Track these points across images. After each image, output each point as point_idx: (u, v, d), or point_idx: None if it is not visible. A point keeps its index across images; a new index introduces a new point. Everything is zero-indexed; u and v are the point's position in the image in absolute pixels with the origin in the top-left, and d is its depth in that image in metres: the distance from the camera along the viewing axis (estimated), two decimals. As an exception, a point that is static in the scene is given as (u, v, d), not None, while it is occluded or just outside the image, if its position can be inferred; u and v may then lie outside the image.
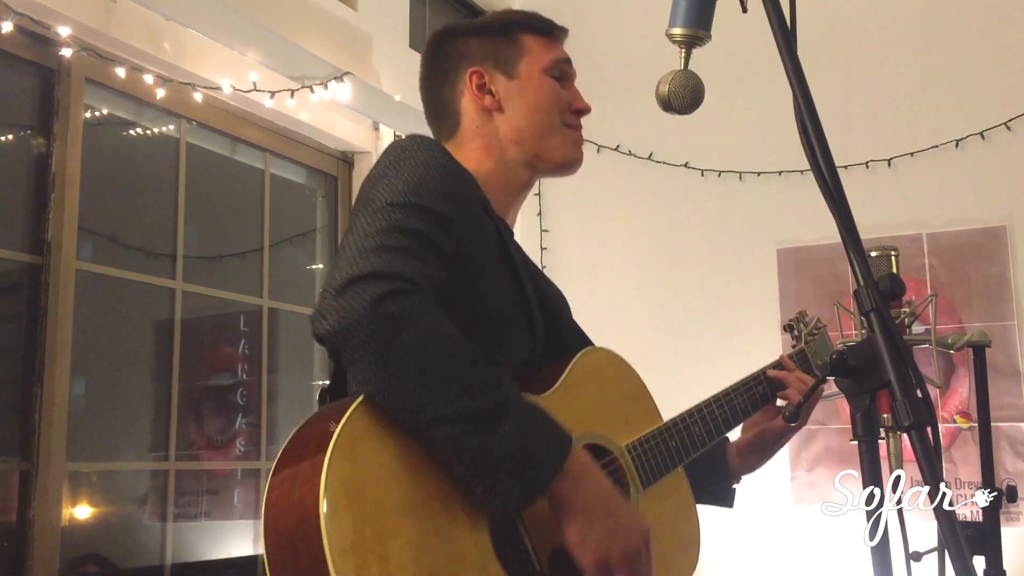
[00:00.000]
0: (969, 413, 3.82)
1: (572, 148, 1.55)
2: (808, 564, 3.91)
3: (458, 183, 1.36)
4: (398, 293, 1.15)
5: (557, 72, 1.55)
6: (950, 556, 0.92)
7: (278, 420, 3.60)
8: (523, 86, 1.53)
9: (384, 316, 1.14)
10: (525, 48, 1.54)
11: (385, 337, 1.14)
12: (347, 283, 1.15)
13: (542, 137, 1.52)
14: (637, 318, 4.44)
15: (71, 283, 2.80)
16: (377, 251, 1.19)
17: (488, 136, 1.52)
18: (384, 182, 1.30)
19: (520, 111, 1.52)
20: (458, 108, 1.55)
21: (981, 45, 4.03)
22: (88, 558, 2.93)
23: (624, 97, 4.13)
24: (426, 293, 1.18)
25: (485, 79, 1.53)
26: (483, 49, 1.55)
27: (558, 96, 1.54)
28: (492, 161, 1.52)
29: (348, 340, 1.15)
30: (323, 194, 4.01)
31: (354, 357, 1.16)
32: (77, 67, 2.87)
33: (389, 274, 1.16)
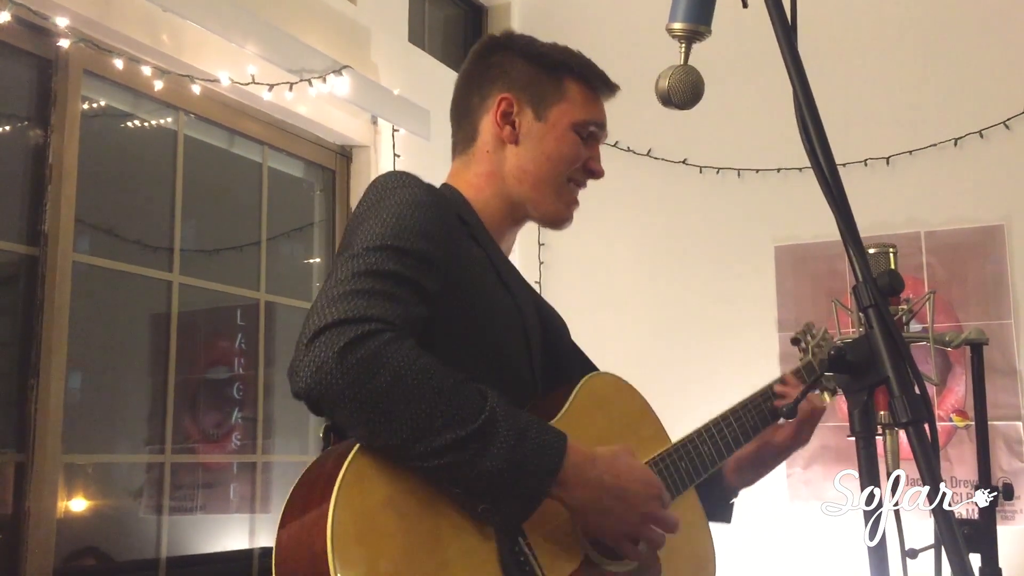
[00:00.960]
0: (965, 411, 3.82)
1: (565, 207, 1.54)
2: (804, 561, 3.92)
3: (439, 219, 1.35)
4: (365, 336, 1.14)
5: (584, 132, 1.54)
6: (947, 555, 0.91)
7: (274, 414, 3.60)
8: (546, 132, 1.51)
9: (354, 363, 1.13)
10: (565, 95, 1.53)
11: (358, 384, 1.13)
12: (314, 335, 1.15)
13: (542, 186, 1.51)
14: (635, 314, 4.44)
15: (67, 275, 2.80)
16: (345, 296, 1.18)
17: (495, 164, 1.51)
18: (363, 226, 1.29)
19: (533, 154, 1.50)
20: (478, 124, 1.53)
21: (980, 44, 4.04)
22: (84, 550, 2.93)
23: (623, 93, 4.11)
24: (396, 331, 1.17)
25: (513, 108, 1.51)
26: (525, 78, 1.52)
27: (576, 155, 1.53)
28: (491, 190, 1.51)
29: (324, 394, 1.14)
30: (321, 188, 4.00)
31: (332, 409, 1.16)
32: (75, 58, 2.86)
33: (355, 318, 1.15)
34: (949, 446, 3.84)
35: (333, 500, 1.10)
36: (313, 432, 3.71)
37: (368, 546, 1.11)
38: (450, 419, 1.15)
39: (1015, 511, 3.68)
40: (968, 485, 3.73)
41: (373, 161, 3.95)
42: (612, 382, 1.52)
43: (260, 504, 3.48)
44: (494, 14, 4.94)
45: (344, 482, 1.12)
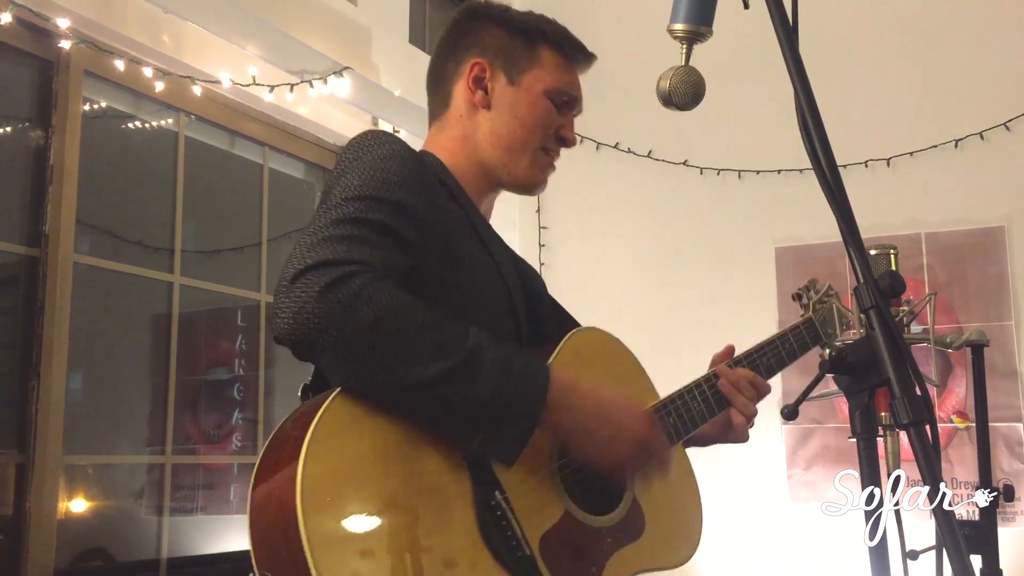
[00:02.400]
0: (966, 413, 3.82)
1: (538, 171, 1.53)
2: (804, 562, 3.92)
3: (416, 172, 1.35)
4: (347, 277, 1.14)
5: (558, 99, 1.52)
6: (948, 556, 0.91)
7: (275, 415, 3.60)
8: (518, 96, 1.50)
9: (336, 302, 1.13)
10: (540, 61, 1.52)
11: (342, 322, 1.13)
12: (295, 276, 1.15)
13: (514, 151, 1.50)
14: (635, 315, 4.44)
15: (68, 276, 2.80)
16: (325, 242, 1.18)
17: (468, 129, 1.51)
18: (342, 179, 1.29)
19: (505, 119, 1.50)
20: (451, 90, 1.53)
21: (981, 45, 4.04)
22: (85, 551, 2.93)
23: (624, 94, 4.13)
24: (376, 271, 1.17)
25: (486, 73, 1.51)
26: (499, 43, 1.52)
27: (548, 120, 1.51)
28: (464, 154, 1.51)
29: (307, 335, 1.13)
30: (321, 189, 4.00)
31: (317, 351, 1.15)
32: (76, 59, 2.87)
33: (336, 260, 1.16)
34: (950, 447, 3.84)
35: (303, 455, 1.09)
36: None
37: (339, 500, 1.10)
38: (437, 351, 1.16)
39: (1016, 512, 3.68)
40: (969, 486, 3.72)
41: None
42: (597, 337, 1.51)
43: (261, 505, 3.47)
44: (495, 15, 4.93)
45: (314, 437, 1.11)
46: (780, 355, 1.65)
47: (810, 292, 1.75)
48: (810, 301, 1.75)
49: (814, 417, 4.03)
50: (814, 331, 1.71)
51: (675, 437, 1.48)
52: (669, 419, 1.48)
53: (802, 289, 1.77)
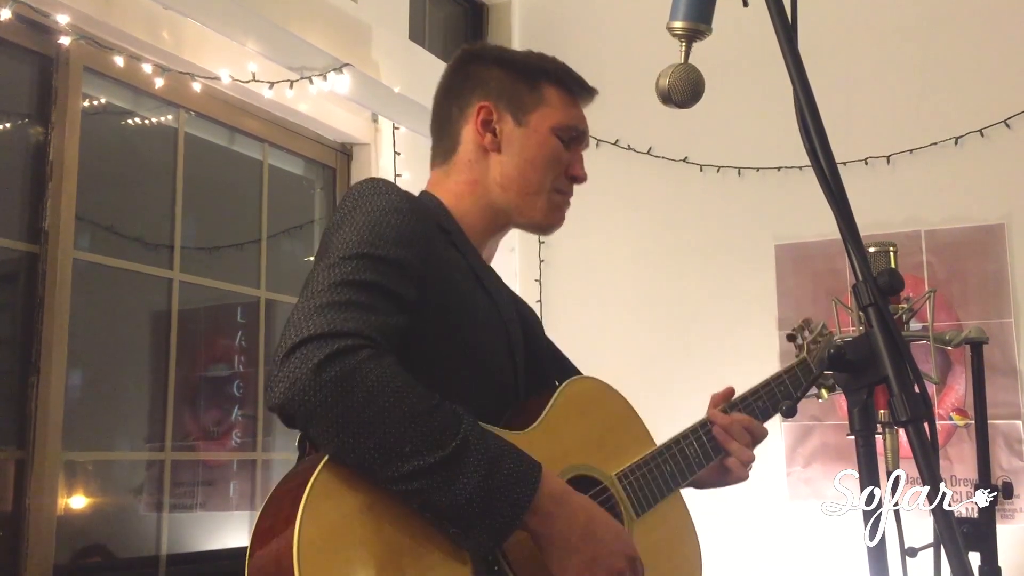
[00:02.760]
0: (965, 410, 3.82)
1: (553, 213, 1.53)
2: (803, 560, 3.92)
3: (416, 224, 1.34)
4: (342, 353, 1.13)
5: (566, 136, 1.52)
6: (947, 554, 0.91)
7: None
8: (527, 136, 1.50)
9: (328, 381, 1.12)
10: (544, 100, 1.52)
11: (331, 403, 1.12)
12: (291, 350, 1.14)
13: (528, 193, 1.50)
14: (635, 313, 4.44)
15: (68, 272, 2.80)
16: (321, 309, 1.17)
17: (477, 173, 1.50)
18: (339, 233, 1.28)
19: (515, 160, 1.49)
20: (459, 134, 1.53)
21: (981, 43, 4.03)
22: (84, 548, 2.93)
23: (624, 91, 4.12)
24: (374, 346, 1.16)
25: (493, 116, 1.50)
26: (502, 86, 1.52)
27: (557, 158, 1.51)
28: (473, 198, 1.50)
29: (297, 410, 1.14)
30: (321, 186, 4.00)
31: (305, 424, 1.16)
32: (75, 55, 2.86)
33: (332, 333, 1.14)
34: (949, 445, 3.84)
35: (299, 516, 1.09)
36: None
37: (336, 561, 1.10)
38: (420, 445, 1.14)
39: (1015, 510, 3.68)
40: (968, 484, 3.73)
41: (374, 159, 3.95)
42: (593, 386, 1.51)
43: (260, 502, 3.47)
44: (495, 12, 4.94)
45: (311, 497, 1.11)
46: (775, 397, 1.66)
47: (804, 332, 1.76)
48: (804, 341, 1.76)
49: (813, 414, 4.03)
50: (809, 371, 1.72)
51: (672, 485, 1.49)
52: (665, 466, 1.48)
53: (796, 329, 1.78)
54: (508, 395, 1.40)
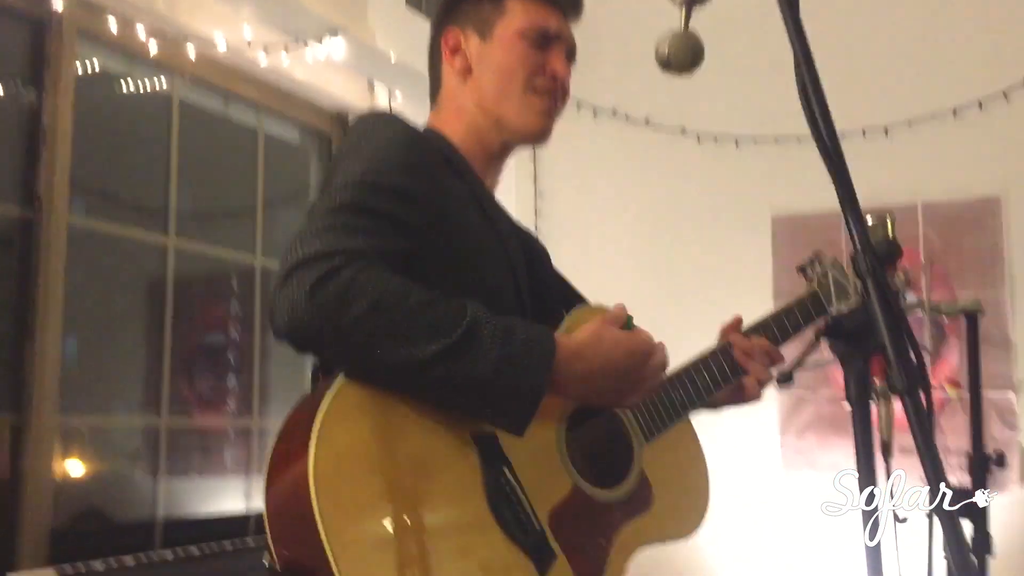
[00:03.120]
0: (959, 381, 3.84)
1: (535, 117, 1.49)
2: (797, 530, 3.95)
3: (417, 154, 1.34)
4: (334, 270, 1.13)
5: (535, 36, 1.48)
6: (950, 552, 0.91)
7: (270, 379, 3.61)
8: (493, 47, 1.48)
9: (326, 298, 1.12)
10: (507, 9, 1.50)
11: (334, 318, 1.12)
12: (287, 274, 1.15)
13: (503, 102, 1.47)
14: (630, 283, 4.44)
15: (63, 238, 2.79)
16: (318, 233, 1.17)
17: (460, 100, 1.51)
18: (343, 163, 1.29)
19: (486, 75, 1.48)
20: (440, 72, 1.54)
21: (979, 13, 4.01)
22: (80, 512, 2.94)
23: (621, 61, 4.10)
24: (366, 259, 1.16)
25: (460, 40, 1.50)
26: (467, 8, 1.52)
27: (525, 59, 1.47)
28: (463, 126, 1.50)
29: (302, 333, 1.14)
30: (317, 153, 3.98)
31: (316, 345, 1.17)
32: (69, 19, 2.83)
33: (325, 252, 1.14)
34: (942, 416, 3.86)
35: (314, 439, 1.10)
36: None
37: (350, 481, 1.12)
38: (434, 330, 1.15)
39: (1006, 480, 3.71)
40: (960, 454, 3.75)
41: (370, 126, 3.92)
42: (599, 314, 1.52)
43: (256, 468, 3.49)
44: (492, -21, 4.89)
45: (324, 422, 1.12)
46: (785, 327, 1.68)
47: (815, 264, 1.75)
48: (815, 274, 1.75)
49: (807, 385, 4.05)
50: (819, 303, 1.72)
51: (681, 411, 1.51)
52: (674, 392, 1.51)
53: (806, 262, 1.77)
54: None
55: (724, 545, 3.96)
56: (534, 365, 1.20)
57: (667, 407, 1.50)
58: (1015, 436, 3.77)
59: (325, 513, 1.08)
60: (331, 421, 1.13)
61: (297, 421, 1.17)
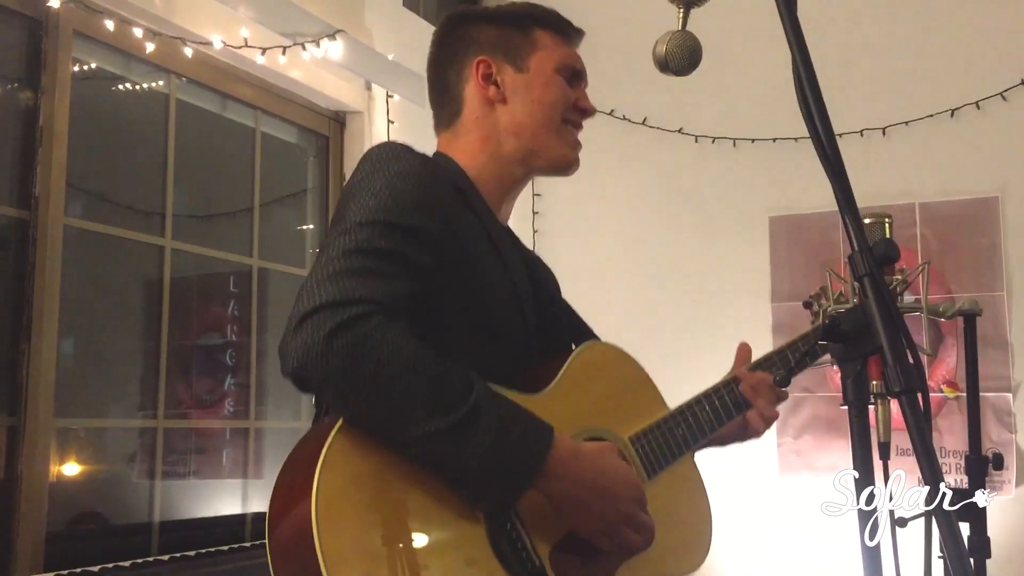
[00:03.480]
0: (956, 383, 3.84)
1: (569, 150, 1.53)
2: (794, 531, 3.95)
3: (432, 189, 1.34)
4: (354, 320, 1.14)
5: (568, 74, 1.53)
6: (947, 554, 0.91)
7: (267, 380, 3.60)
8: (531, 80, 1.50)
9: (341, 348, 1.13)
10: (539, 44, 1.52)
11: (344, 369, 1.13)
12: (303, 317, 1.15)
13: (541, 133, 1.50)
14: (628, 283, 4.44)
15: (59, 239, 2.78)
16: (334, 277, 1.18)
17: (487, 128, 1.50)
18: (356, 197, 1.28)
19: (523, 105, 1.50)
20: (461, 95, 1.52)
21: (978, 15, 4.01)
22: (77, 515, 2.93)
23: (619, 62, 4.10)
24: (386, 313, 1.17)
25: (492, 69, 1.50)
26: (495, 39, 1.52)
27: (564, 94, 1.52)
28: (487, 154, 1.50)
29: (311, 376, 1.15)
30: (314, 154, 3.98)
31: (319, 391, 1.18)
32: (65, 19, 2.83)
33: (344, 300, 1.15)
34: (939, 417, 3.86)
35: (317, 474, 1.11)
36: (306, 399, 3.71)
37: (352, 517, 1.12)
38: (432, 409, 1.16)
39: (1003, 481, 3.71)
40: (958, 455, 3.75)
41: (367, 127, 3.93)
42: (607, 351, 1.52)
43: (253, 470, 3.49)
44: (490, -21, 4.89)
45: (327, 459, 1.12)
46: (789, 364, 1.68)
47: (821, 299, 1.75)
48: (821, 308, 1.75)
49: (805, 386, 4.05)
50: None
51: (684, 448, 1.51)
52: (677, 430, 1.51)
53: (813, 296, 1.77)
54: (520, 359, 1.41)
55: (722, 547, 3.96)
56: (524, 462, 1.21)
57: (670, 444, 1.49)
58: (1012, 437, 3.77)
59: (328, 554, 1.08)
60: (334, 459, 1.13)
61: (300, 458, 1.18)
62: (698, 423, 1.53)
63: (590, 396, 1.44)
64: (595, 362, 1.48)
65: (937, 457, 0.94)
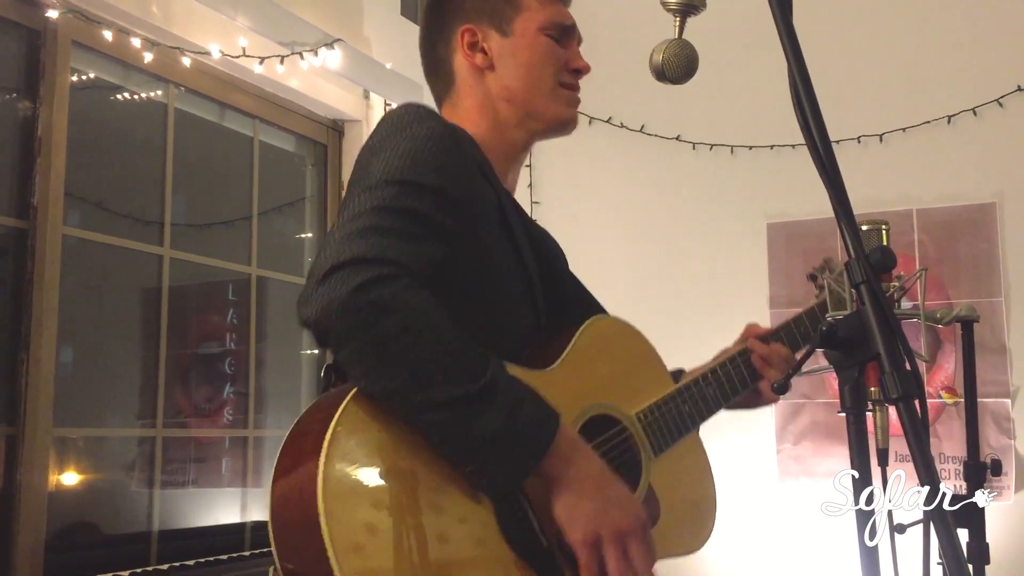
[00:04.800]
0: (954, 388, 3.84)
1: (565, 108, 1.52)
2: (793, 537, 3.95)
3: (456, 154, 1.33)
4: (381, 279, 1.13)
5: (555, 32, 1.51)
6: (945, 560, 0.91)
7: (266, 389, 3.60)
8: (516, 43, 1.49)
9: (366, 304, 1.12)
10: (523, 5, 1.51)
11: (367, 325, 1.12)
12: (331, 269, 1.14)
13: (533, 95, 1.49)
14: (626, 291, 4.44)
15: (57, 248, 2.78)
16: (364, 233, 1.17)
17: (480, 96, 1.50)
18: (380, 156, 1.27)
19: (512, 69, 1.49)
20: (452, 67, 1.53)
21: (974, 21, 4.02)
22: (75, 524, 2.93)
23: (617, 68, 4.10)
24: (412, 276, 1.16)
25: (478, 36, 1.50)
26: (479, 4, 1.51)
27: (553, 54, 1.50)
28: (487, 122, 1.49)
29: (332, 328, 1.14)
30: (313, 162, 3.98)
31: (338, 345, 1.15)
32: (64, 29, 2.84)
33: (373, 258, 1.14)
34: (938, 423, 3.86)
35: (324, 450, 1.09)
36: (305, 405, 3.71)
37: (359, 495, 1.11)
38: (452, 376, 1.15)
39: (1002, 487, 3.71)
40: (956, 461, 3.75)
41: (365, 136, 3.90)
42: (614, 326, 1.51)
43: (252, 478, 3.48)
44: (487, -12, 4.90)
45: (335, 433, 1.11)
46: (795, 337, 1.68)
47: (825, 272, 1.75)
48: (825, 281, 1.75)
49: (804, 392, 4.05)
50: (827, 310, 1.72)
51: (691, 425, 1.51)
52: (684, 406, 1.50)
53: (817, 269, 1.77)
54: (529, 334, 1.40)
55: (721, 553, 3.95)
56: (532, 443, 1.19)
57: (676, 420, 1.49)
58: (1011, 443, 3.77)
59: (334, 528, 1.07)
60: (342, 433, 1.12)
61: (308, 429, 1.16)
62: (704, 399, 1.53)
63: (597, 372, 1.43)
64: (602, 337, 1.47)
65: (935, 463, 0.94)
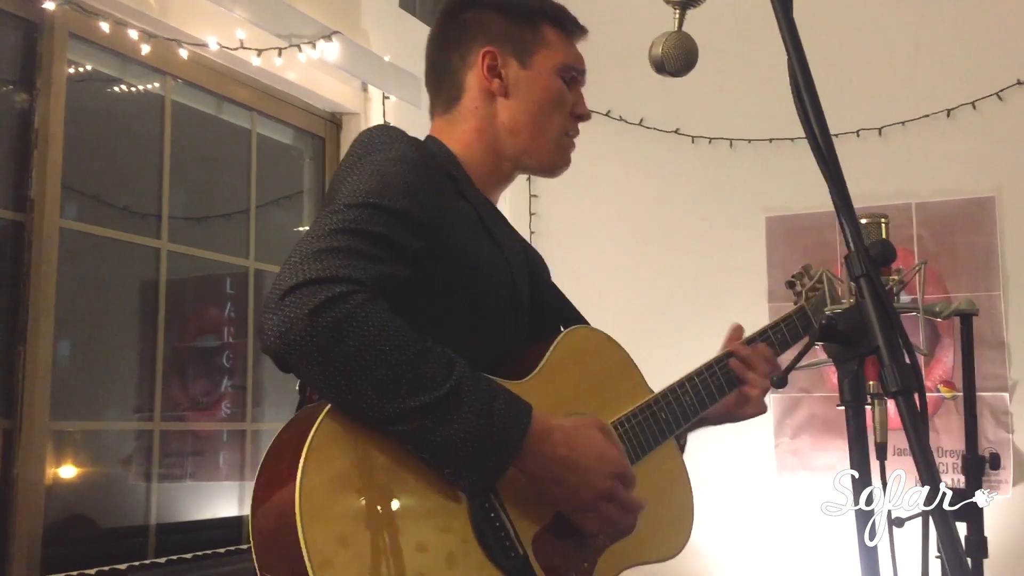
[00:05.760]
0: (953, 382, 3.84)
1: (561, 155, 1.54)
2: (791, 531, 3.95)
3: (423, 175, 1.33)
4: (336, 299, 1.13)
5: (568, 76, 1.53)
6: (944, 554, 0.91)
7: (264, 382, 3.59)
8: (533, 78, 1.50)
9: (324, 326, 1.12)
10: (545, 41, 1.52)
11: (327, 347, 1.12)
12: (285, 293, 1.14)
13: (537, 137, 1.51)
14: (625, 284, 4.44)
15: (55, 241, 2.77)
16: (319, 255, 1.16)
17: (484, 120, 1.50)
18: (347, 181, 1.28)
19: (524, 104, 1.50)
20: (462, 82, 1.52)
21: (973, 15, 4.01)
22: (73, 517, 2.93)
23: (616, 61, 4.10)
24: (368, 292, 1.16)
25: (498, 61, 1.50)
26: (504, 30, 1.51)
27: (563, 99, 1.52)
28: (481, 146, 1.50)
29: (292, 354, 1.13)
30: (311, 155, 3.97)
31: (301, 369, 1.16)
32: (60, 21, 2.82)
33: (328, 278, 1.14)
34: (936, 417, 3.86)
35: (301, 465, 1.11)
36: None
37: (336, 508, 1.12)
38: (416, 385, 1.15)
39: (1000, 481, 3.71)
40: (955, 455, 3.76)
41: (363, 128, 3.92)
42: (591, 336, 1.52)
43: (249, 472, 3.48)
44: (486, -20, 4.88)
45: (311, 447, 1.12)
46: (772, 345, 1.69)
47: (803, 279, 1.75)
48: (803, 289, 1.75)
49: (802, 386, 4.05)
50: (806, 320, 1.74)
51: (667, 432, 1.51)
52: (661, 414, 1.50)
53: (795, 276, 1.77)
54: (510, 345, 1.41)
55: (719, 547, 3.96)
56: (505, 440, 1.20)
57: (653, 428, 1.49)
58: (1009, 437, 3.78)
59: (311, 543, 1.08)
60: (318, 447, 1.13)
61: (285, 444, 1.18)
62: (681, 406, 1.53)
63: (573, 381, 1.44)
64: (579, 347, 1.47)
65: (934, 457, 0.94)
